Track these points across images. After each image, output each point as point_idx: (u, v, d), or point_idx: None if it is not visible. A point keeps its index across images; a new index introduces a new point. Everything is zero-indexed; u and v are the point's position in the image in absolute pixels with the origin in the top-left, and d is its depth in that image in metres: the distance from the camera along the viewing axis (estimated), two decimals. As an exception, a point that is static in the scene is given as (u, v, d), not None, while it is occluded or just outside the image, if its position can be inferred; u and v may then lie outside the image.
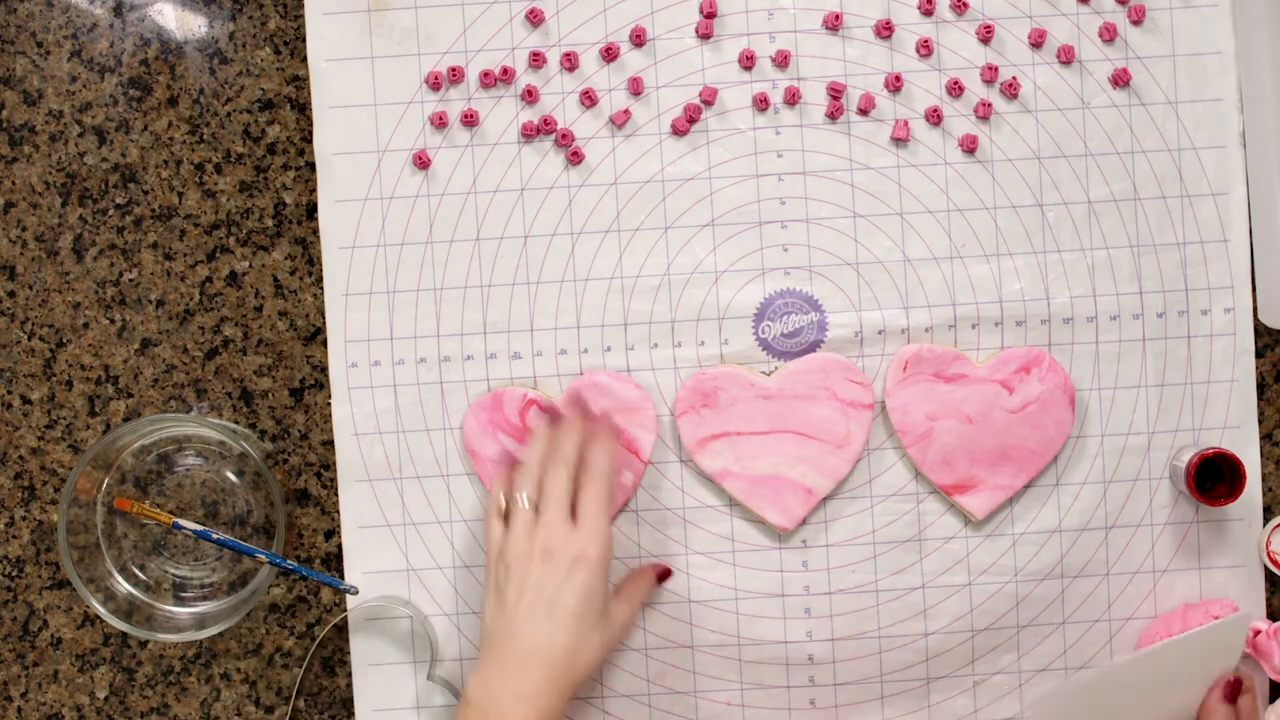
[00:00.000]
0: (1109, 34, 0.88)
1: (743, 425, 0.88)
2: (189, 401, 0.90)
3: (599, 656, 0.80)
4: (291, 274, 0.90)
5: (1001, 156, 0.89)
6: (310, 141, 0.89)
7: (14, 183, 0.89)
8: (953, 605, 0.89)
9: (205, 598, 0.90)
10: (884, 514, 0.89)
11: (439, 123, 0.88)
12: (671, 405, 0.89)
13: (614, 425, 0.86)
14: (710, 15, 0.88)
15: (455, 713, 0.80)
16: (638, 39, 0.88)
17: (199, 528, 0.87)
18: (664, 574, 0.89)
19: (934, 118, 0.88)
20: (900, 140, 0.88)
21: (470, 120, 0.88)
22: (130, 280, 0.90)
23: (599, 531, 0.80)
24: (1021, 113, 0.88)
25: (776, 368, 0.88)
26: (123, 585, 0.89)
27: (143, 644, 0.90)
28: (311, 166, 0.89)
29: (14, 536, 0.90)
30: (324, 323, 0.89)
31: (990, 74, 0.88)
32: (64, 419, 0.90)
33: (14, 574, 0.90)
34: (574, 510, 0.81)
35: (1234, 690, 0.84)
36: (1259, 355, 0.89)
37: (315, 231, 0.89)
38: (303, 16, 0.89)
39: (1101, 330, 0.89)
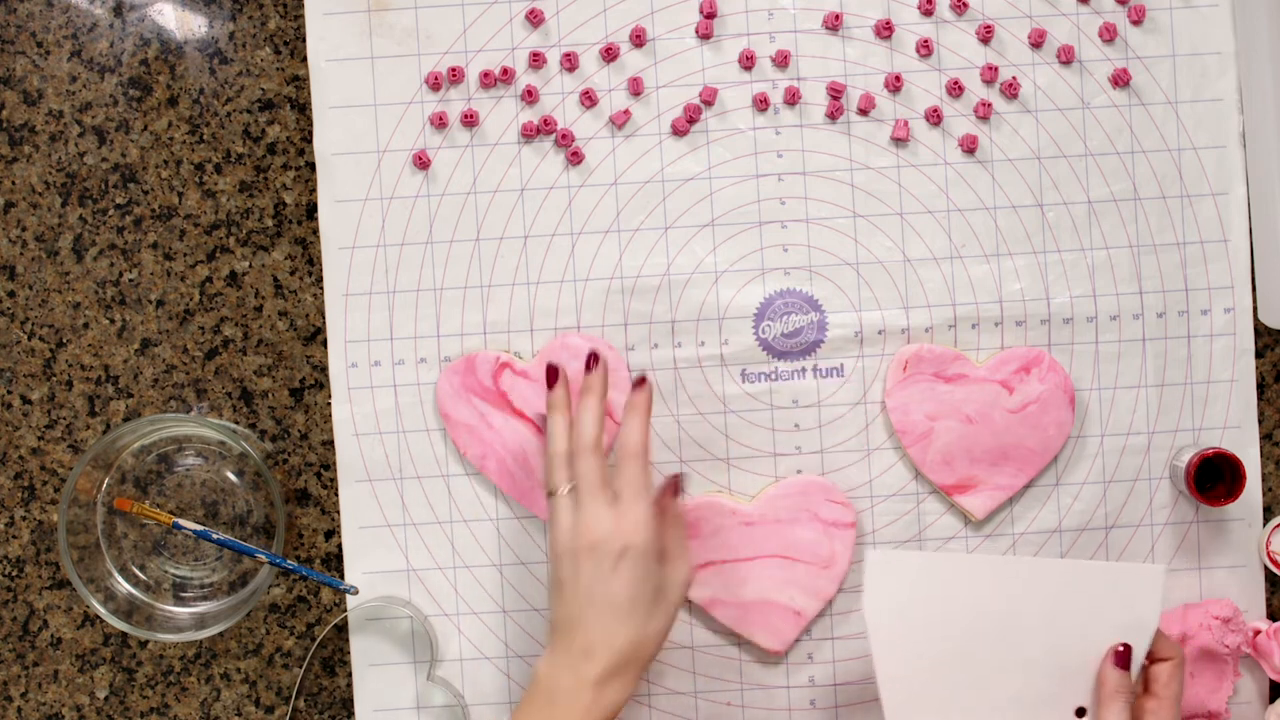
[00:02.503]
0: (1109, 34, 0.88)
1: (727, 553, 0.87)
2: (189, 401, 0.90)
3: (663, 633, 0.79)
4: (291, 274, 0.90)
5: (1001, 156, 0.89)
6: (310, 141, 0.89)
7: (14, 183, 0.89)
8: (953, 605, 0.89)
9: (205, 598, 0.90)
10: (884, 514, 0.89)
11: (439, 123, 0.88)
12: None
13: (648, 394, 0.82)
14: (710, 15, 0.88)
15: (525, 691, 0.80)
16: (638, 39, 0.88)
17: (199, 528, 0.87)
18: (676, 485, 0.84)
19: (934, 118, 0.88)
20: (900, 140, 0.88)
21: (470, 120, 0.88)
22: (130, 280, 0.90)
23: (640, 516, 0.78)
24: (1021, 113, 0.88)
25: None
26: (123, 585, 0.89)
27: (143, 644, 0.90)
28: (311, 166, 0.89)
29: (14, 536, 0.90)
30: (324, 323, 0.89)
31: (990, 74, 0.88)
32: (64, 419, 0.90)
33: (14, 574, 0.90)
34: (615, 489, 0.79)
35: (1124, 657, 0.76)
36: (1259, 355, 0.89)
37: (315, 231, 0.89)
38: (303, 16, 0.89)
39: (1101, 330, 0.88)
